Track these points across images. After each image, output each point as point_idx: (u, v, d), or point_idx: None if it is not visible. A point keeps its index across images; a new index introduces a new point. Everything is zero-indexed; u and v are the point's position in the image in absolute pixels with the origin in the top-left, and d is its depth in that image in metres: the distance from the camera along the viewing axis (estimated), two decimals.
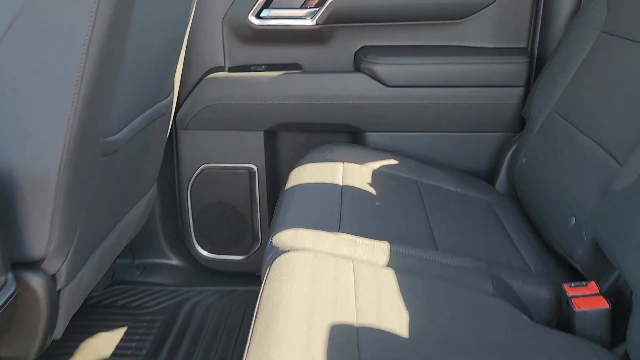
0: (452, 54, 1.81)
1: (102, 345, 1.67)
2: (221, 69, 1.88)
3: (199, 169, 1.92)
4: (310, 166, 1.58)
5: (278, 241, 1.16)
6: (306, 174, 1.53)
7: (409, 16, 1.82)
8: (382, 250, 1.16)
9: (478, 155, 1.85)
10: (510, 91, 1.79)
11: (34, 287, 1.11)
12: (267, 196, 1.94)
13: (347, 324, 0.89)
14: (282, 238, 1.16)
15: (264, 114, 1.84)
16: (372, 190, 1.49)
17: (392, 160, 1.70)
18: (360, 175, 1.57)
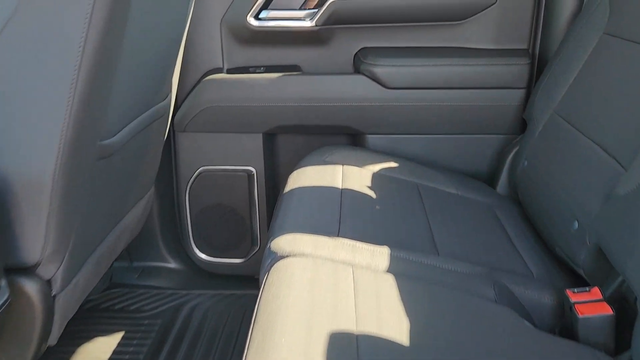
0: (453, 56, 1.79)
1: (98, 350, 1.65)
2: (219, 70, 1.86)
3: (198, 171, 1.90)
4: (309, 169, 1.56)
5: (276, 246, 1.14)
6: (305, 177, 1.52)
7: (409, 17, 1.80)
8: (382, 255, 1.15)
9: (479, 158, 1.83)
10: (511, 93, 1.77)
11: (29, 293, 1.09)
12: (266, 199, 1.93)
13: (347, 332, 0.88)
14: (281, 243, 1.14)
15: (262, 116, 1.82)
16: (372, 194, 1.47)
17: (392, 163, 1.68)
18: (360, 178, 1.55)
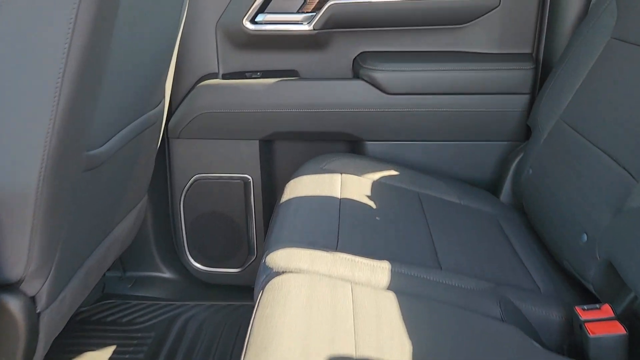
0: (455, 60, 1.74)
1: None
2: (215, 75, 1.82)
3: (192, 179, 1.86)
4: (306, 178, 1.51)
5: (272, 261, 1.09)
6: (302, 186, 1.47)
7: (410, 21, 1.76)
8: (383, 271, 1.09)
9: (481, 165, 1.78)
10: (514, 99, 1.73)
11: (12, 310, 1.04)
12: (263, 207, 1.88)
13: (345, 358, 0.83)
14: (276, 258, 1.09)
15: (259, 123, 1.77)
16: (371, 204, 1.42)
17: (392, 171, 1.63)
18: (359, 187, 1.50)
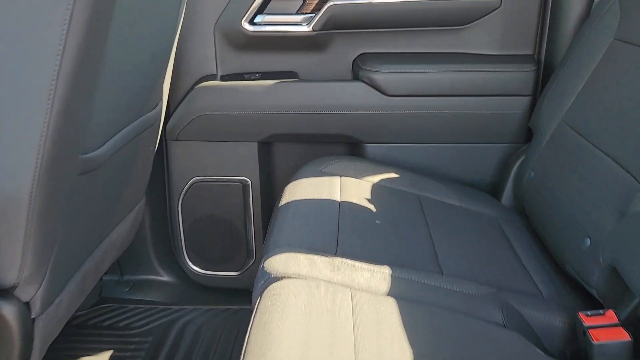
0: (455, 62, 1.73)
1: None
2: (213, 77, 1.80)
3: (190, 181, 1.84)
4: (305, 181, 1.49)
5: (270, 266, 1.07)
6: (301, 189, 1.45)
7: (410, 22, 1.74)
8: (383, 276, 1.08)
9: (482, 168, 1.77)
10: (516, 100, 1.71)
11: (6, 317, 1.03)
12: (262, 210, 1.86)
13: None
14: (275, 263, 1.07)
15: (258, 125, 1.76)
16: (371, 207, 1.40)
17: (392, 174, 1.61)
18: (358, 190, 1.49)
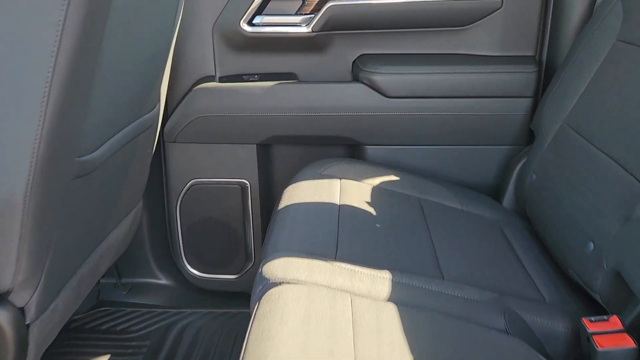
0: (456, 63, 1.71)
1: None
2: (211, 78, 1.78)
3: (189, 183, 1.82)
4: (304, 183, 1.48)
5: (268, 272, 1.05)
6: (300, 192, 1.43)
7: (410, 23, 1.72)
8: (383, 281, 1.06)
9: (484, 170, 1.75)
10: (517, 102, 1.69)
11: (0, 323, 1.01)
12: (261, 213, 1.85)
13: None
14: (273, 268, 1.06)
15: (256, 127, 1.74)
16: (371, 210, 1.39)
17: (392, 176, 1.60)
18: (358, 192, 1.47)
